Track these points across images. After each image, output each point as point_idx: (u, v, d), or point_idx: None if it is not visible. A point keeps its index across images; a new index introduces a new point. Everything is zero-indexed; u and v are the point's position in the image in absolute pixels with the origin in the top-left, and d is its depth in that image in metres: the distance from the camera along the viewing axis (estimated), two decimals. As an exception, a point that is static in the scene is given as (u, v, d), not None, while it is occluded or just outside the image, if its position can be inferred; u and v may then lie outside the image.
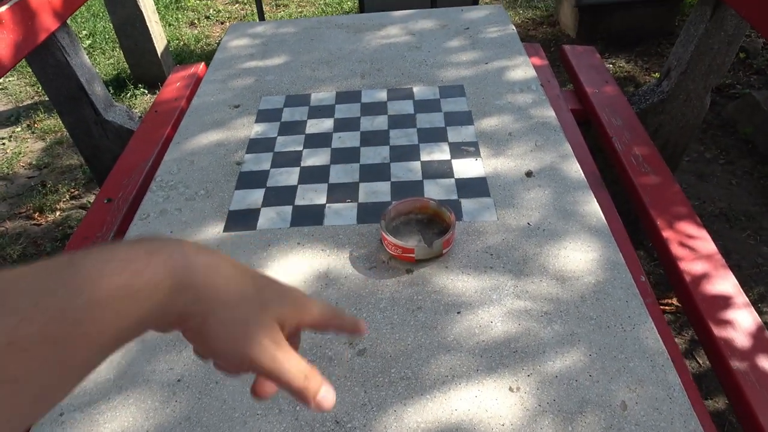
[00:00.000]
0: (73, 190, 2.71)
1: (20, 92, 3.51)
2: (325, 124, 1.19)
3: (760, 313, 1.94)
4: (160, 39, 3.37)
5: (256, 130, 1.19)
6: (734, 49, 1.88)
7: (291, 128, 1.18)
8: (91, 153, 2.15)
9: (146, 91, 3.39)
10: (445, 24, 1.55)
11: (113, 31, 3.64)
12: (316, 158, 1.09)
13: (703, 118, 2.07)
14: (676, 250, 1.37)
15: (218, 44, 3.53)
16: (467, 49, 1.42)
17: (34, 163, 2.92)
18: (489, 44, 1.44)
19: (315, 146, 1.12)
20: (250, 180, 1.05)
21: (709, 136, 2.82)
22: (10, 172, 2.87)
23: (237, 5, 4.43)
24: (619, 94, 1.97)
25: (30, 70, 3.59)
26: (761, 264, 2.11)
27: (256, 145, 1.14)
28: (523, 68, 1.33)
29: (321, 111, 1.23)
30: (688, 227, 1.45)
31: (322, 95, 1.28)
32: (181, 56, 3.71)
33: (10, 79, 3.66)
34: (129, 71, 3.48)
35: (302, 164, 1.08)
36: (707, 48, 1.85)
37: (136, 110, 3.26)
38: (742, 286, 1.26)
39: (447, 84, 1.28)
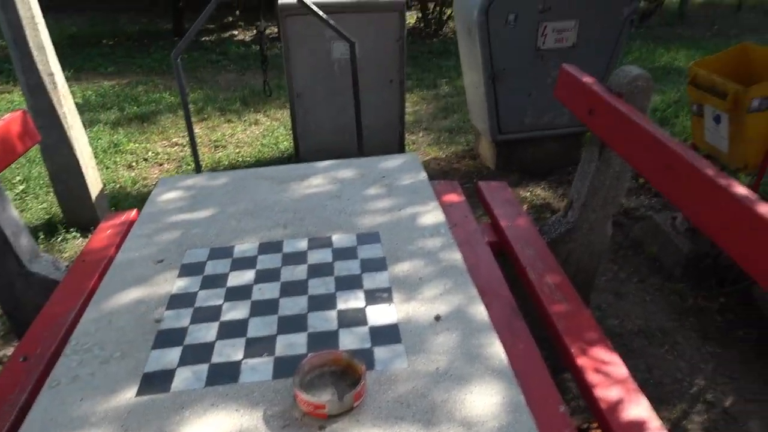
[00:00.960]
0: (-9, 343, 2.57)
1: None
2: (247, 276, 1.24)
3: (684, 429, 2.00)
4: (95, 184, 3.42)
5: (179, 285, 1.22)
6: (624, 184, 2.12)
7: (213, 282, 1.22)
8: (12, 306, 2.09)
9: (78, 235, 3.37)
10: (364, 173, 1.69)
11: (48, 177, 3.67)
12: (235, 312, 1.12)
13: (607, 244, 2.26)
14: (591, 377, 1.44)
15: (154, 187, 3.58)
16: (383, 197, 1.54)
17: (-51, 314, 2.77)
18: (403, 191, 1.57)
19: (235, 299, 1.16)
20: (167, 338, 1.06)
21: (621, 256, 3.04)
22: None
23: (176, 147, 4.59)
24: (531, 226, 2.14)
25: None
26: (681, 379, 2.20)
27: (176, 301, 1.17)
28: (433, 213, 1.46)
29: (243, 263, 1.28)
30: (601, 353, 1.54)
31: (245, 246, 1.34)
32: (117, 199, 3.75)
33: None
34: (62, 216, 3.47)
35: (221, 319, 1.11)
36: (600, 183, 2.07)
37: (66, 255, 3.21)
38: (665, 404, 1.33)
39: (364, 231, 1.38)
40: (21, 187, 3.92)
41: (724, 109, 2.43)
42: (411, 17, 8.89)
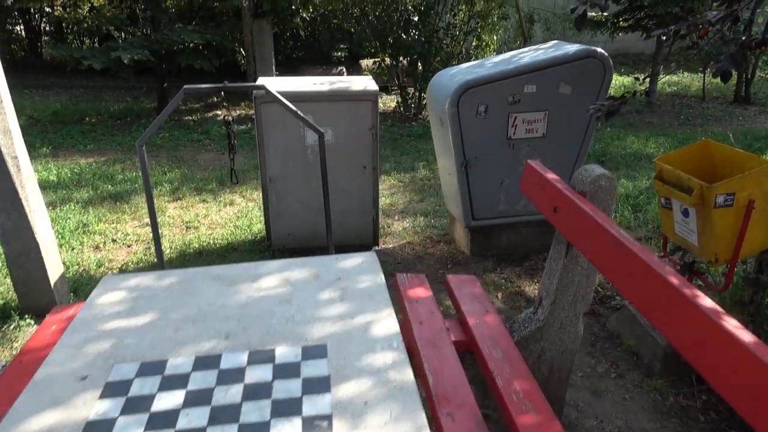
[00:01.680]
0: None
1: None
2: (176, 398, 1.12)
3: None
4: (56, 268, 3.29)
5: (98, 409, 1.10)
6: (593, 281, 2.06)
7: (136, 405, 1.10)
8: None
9: (32, 322, 3.20)
10: (319, 274, 1.61)
11: (4, 261, 3.54)
12: (155, 444, 1.01)
13: (578, 343, 2.18)
14: (559, 505, 1.31)
15: (119, 270, 3.48)
16: (336, 302, 1.46)
17: None
18: (358, 295, 1.49)
19: (157, 428, 1.04)
20: (72, 479, 0.94)
21: (598, 348, 2.95)
22: None
23: (146, 228, 4.50)
24: (500, 324, 2.05)
25: None
26: (663, 491, 2.06)
27: (92, 430, 1.04)
28: (387, 322, 1.37)
29: (174, 381, 1.17)
30: (571, 474, 1.41)
31: (179, 360, 1.24)
32: (79, 282, 3.61)
33: None
34: (17, 301, 3.31)
35: (138, 453, 0.99)
36: (569, 281, 2.01)
37: (17, 345, 3.03)
38: None
39: (311, 343, 1.29)
40: (-23, 270, 3.77)
41: (690, 204, 2.43)
42: (391, 101, 9.16)
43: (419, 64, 8.17)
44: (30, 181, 3.11)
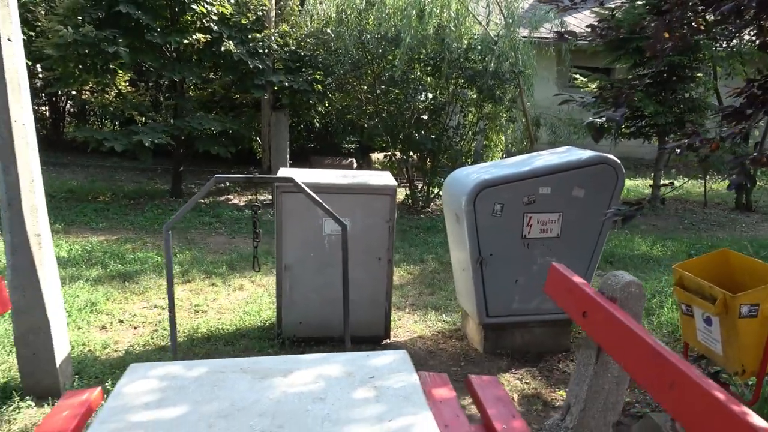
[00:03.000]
0: None
1: None
2: (212, 502, 1.07)
3: None
4: (63, 348, 3.22)
5: None
6: (623, 389, 2.02)
7: (171, 508, 1.05)
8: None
9: (33, 404, 3.08)
10: (351, 371, 1.58)
11: (11, 338, 3.47)
12: None
13: (609, 455, 2.09)
14: None
15: (125, 352, 3.39)
16: (371, 402, 1.42)
17: None
18: (393, 396, 1.46)
19: None
20: None
21: (621, 461, 2.82)
22: None
23: (155, 310, 4.45)
24: (527, 431, 1.98)
25: None
26: None
27: None
28: (425, 426, 1.33)
29: (210, 482, 1.12)
30: None
31: (214, 460, 1.19)
32: (83, 364, 3.51)
33: None
34: (19, 380, 3.21)
35: None
36: (599, 387, 1.97)
37: (16, 428, 2.90)
38: None
39: (349, 447, 1.24)
40: (-20, 347, 3.69)
41: (714, 312, 2.42)
42: (400, 193, 9.37)
43: (428, 159, 8.43)
44: (49, 260, 3.12)
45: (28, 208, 2.96)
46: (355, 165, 10.44)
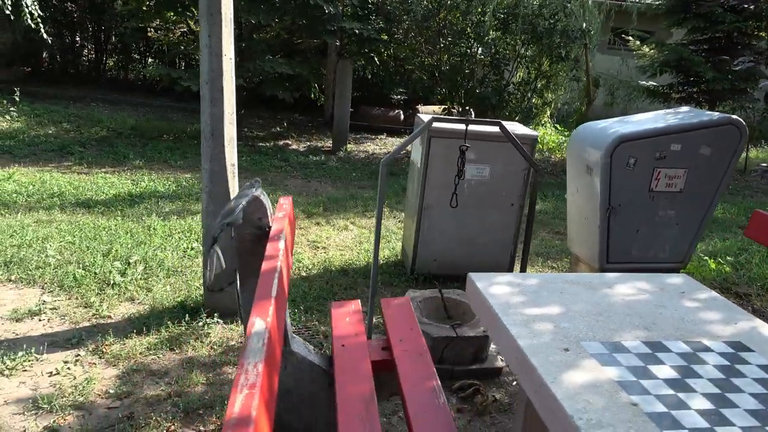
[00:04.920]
0: (169, 425, 2.49)
1: (74, 313, 3.35)
2: (666, 370, 1.35)
3: None
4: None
5: (612, 374, 1.32)
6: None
7: (640, 372, 1.33)
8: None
9: (220, 321, 3.36)
10: (662, 287, 1.85)
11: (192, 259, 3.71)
12: (695, 401, 1.23)
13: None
14: None
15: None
16: (703, 310, 1.70)
17: (111, 392, 2.69)
18: (716, 307, 1.73)
19: (677, 386, 1.27)
20: (661, 420, 1.15)
21: None
22: (85, 401, 2.60)
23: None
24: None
25: (81, 290, 3.51)
26: None
27: (624, 386, 1.27)
28: (765, 329, 1.61)
29: (646, 358, 1.40)
30: None
31: (631, 343, 1.46)
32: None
33: (61, 300, 3.50)
34: (202, 300, 3.48)
35: (690, 407, 1.21)
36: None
37: (211, 341, 3.19)
38: None
39: (726, 339, 1.52)
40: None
41: None
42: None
43: (488, 114, 8.59)
44: (236, 190, 3.34)
45: (228, 139, 3.15)
46: (402, 117, 10.57)
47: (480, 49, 8.06)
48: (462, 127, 4.06)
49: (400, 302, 2.39)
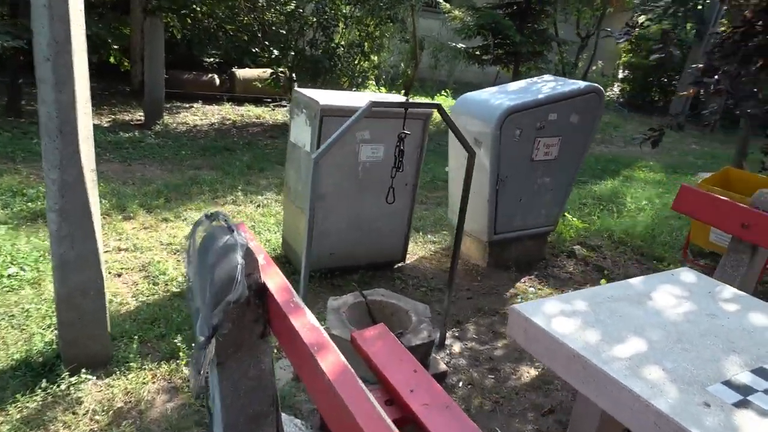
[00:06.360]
0: None
1: None
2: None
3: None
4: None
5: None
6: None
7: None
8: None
9: (90, 377, 2.54)
10: (690, 290, 1.76)
11: (39, 302, 2.72)
12: None
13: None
14: None
15: (141, 302, 2.88)
16: (748, 310, 1.64)
17: None
18: (748, 305, 1.69)
19: None
20: None
21: None
22: None
23: (121, 253, 3.80)
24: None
25: None
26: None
27: None
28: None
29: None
30: None
31: (741, 378, 1.31)
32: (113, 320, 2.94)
33: None
34: (56, 349, 2.59)
35: None
36: (753, 275, 2.45)
37: (84, 405, 2.39)
38: None
39: (796, 348, 1.46)
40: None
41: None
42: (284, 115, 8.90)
43: (319, 79, 8.14)
44: (97, 201, 2.50)
45: (84, 137, 2.30)
46: (218, 82, 9.53)
47: (312, 5, 7.47)
48: (355, 104, 3.62)
49: (377, 332, 1.98)
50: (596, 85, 4.19)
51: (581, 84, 4.16)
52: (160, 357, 2.76)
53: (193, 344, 2.73)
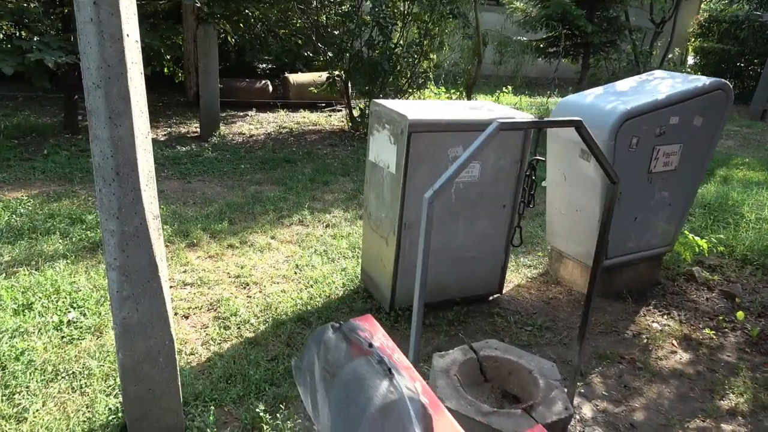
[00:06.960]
0: None
1: None
2: None
3: None
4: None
5: None
6: None
7: None
8: None
9: (164, 460, 2.14)
10: None
11: (90, 374, 2.36)
12: None
13: None
14: None
15: (215, 354, 2.36)
16: None
17: None
18: None
19: None
20: None
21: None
22: None
23: (185, 288, 3.42)
24: None
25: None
26: None
27: None
28: None
29: None
30: None
31: None
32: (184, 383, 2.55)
33: None
34: (120, 425, 2.21)
35: None
36: None
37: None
38: None
39: None
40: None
41: None
42: (338, 120, 8.47)
43: (377, 81, 7.66)
44: (163, 253, 2.09)
45: (145, 179, 1.89)
46: (270, 88, 9.21)
47: (368, 3, 6.99)
48: (455, 115, 3.09)
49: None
50: (723, 80, 3.53)
51: (705, 80, 3.51)
52: (240, 429, 2.33)
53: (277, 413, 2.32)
